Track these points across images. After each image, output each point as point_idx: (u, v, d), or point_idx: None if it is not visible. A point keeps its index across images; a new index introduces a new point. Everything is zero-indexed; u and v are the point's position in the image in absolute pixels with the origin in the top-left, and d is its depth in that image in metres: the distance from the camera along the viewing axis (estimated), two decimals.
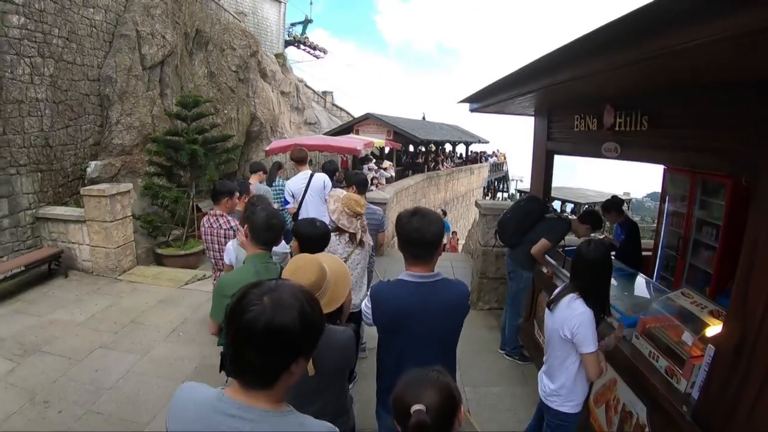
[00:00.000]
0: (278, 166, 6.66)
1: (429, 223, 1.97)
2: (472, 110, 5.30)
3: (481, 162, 26.55)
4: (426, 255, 2.03)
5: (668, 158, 3.02)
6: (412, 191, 13.38)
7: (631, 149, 3.27)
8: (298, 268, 1.82)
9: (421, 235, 1.97)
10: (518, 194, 32.28)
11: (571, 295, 2.39)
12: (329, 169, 5.91)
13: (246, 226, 2.47)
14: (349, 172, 4.65)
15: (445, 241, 11.90)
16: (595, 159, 3.97)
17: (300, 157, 5.67)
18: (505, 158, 32.22)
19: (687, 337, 2.47)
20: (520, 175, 34.77)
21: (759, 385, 1.90)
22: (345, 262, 3.31)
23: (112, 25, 9.14)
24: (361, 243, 3.41)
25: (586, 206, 26.30)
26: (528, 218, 4.20)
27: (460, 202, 20.88)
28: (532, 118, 5.18)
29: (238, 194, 4.15)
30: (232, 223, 3.80)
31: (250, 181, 5.60)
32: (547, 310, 2.56)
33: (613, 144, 3.40)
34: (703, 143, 2.52)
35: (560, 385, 2.47)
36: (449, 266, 8.15)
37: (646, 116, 2.96)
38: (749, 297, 1.99)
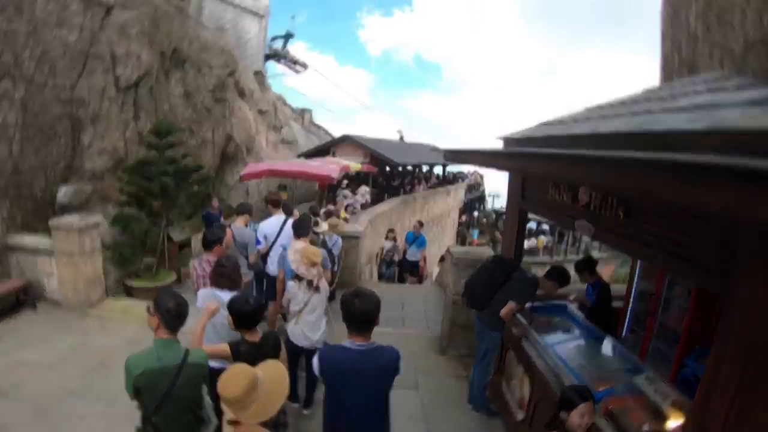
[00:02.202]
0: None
1: (365, 304, 2.52)
2: (446, 159, 5.48)
3: (457, 183, 26.81)
4: (363, 329, 2.57)
5: (642, 254, 2.78)
6: (387, 216, 13.37)
7: (605, 234, 3.05)
8: (226, 380, 1.95)
9: (360, 313, 2.52)
10: (494, 214, 32.56)
11: None
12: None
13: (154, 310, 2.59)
14: (293, 224, 5.08)
15: (417, 258, 11.68)
16: None
17: (275, 200, 5.93)
18: (482, 178, 32.58)
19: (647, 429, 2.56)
20: (497, 191, 35.04)
21: None
22: (305, 306, 3.97)
23: (86, 45, 8.91)
24: (317, 288, 4.01)
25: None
26: (495, 281, 4.22)
27: (435, 224, 20.91)
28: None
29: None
30: None
31: (236, 224, 5.49)
32: None
33: (587, 224, 3.18)
34: (677, 249, 2.30)
35: None
36: (421, 307, 8.08)
37: (623, 206, 2.73)
38: (708, 416, 1.97)
